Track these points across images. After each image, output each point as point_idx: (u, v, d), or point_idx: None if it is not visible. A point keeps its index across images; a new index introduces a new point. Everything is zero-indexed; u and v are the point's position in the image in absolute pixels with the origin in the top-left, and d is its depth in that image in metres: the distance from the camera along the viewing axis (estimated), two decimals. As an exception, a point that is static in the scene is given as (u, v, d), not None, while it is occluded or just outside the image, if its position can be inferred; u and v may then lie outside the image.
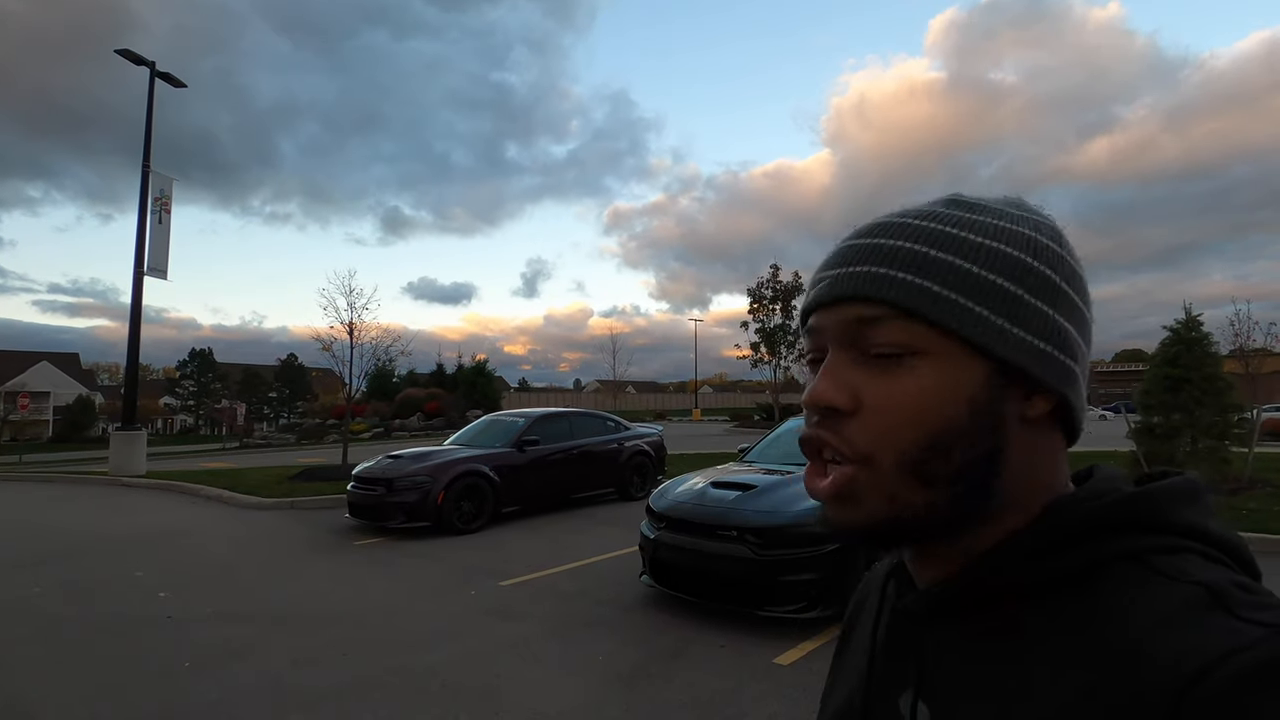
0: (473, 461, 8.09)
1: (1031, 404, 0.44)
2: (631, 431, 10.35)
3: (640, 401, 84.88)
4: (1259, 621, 0.33)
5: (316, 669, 3.90)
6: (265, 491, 10.41)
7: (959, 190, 0.49)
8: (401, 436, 27.07)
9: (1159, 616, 0.36)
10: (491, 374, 36.98)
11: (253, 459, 18.60)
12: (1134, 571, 0.39)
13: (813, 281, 0.49)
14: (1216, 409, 8.67)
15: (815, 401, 0.45)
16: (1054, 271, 0.45)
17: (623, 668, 3.85)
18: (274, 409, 52.46)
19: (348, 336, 12.62)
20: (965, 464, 0.42)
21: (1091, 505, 0.42)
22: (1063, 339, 0.44)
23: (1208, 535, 0.41)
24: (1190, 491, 0.43)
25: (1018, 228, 0.45)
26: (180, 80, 14.88)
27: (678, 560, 4.76)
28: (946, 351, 0.42)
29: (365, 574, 6.08)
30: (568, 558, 6.45)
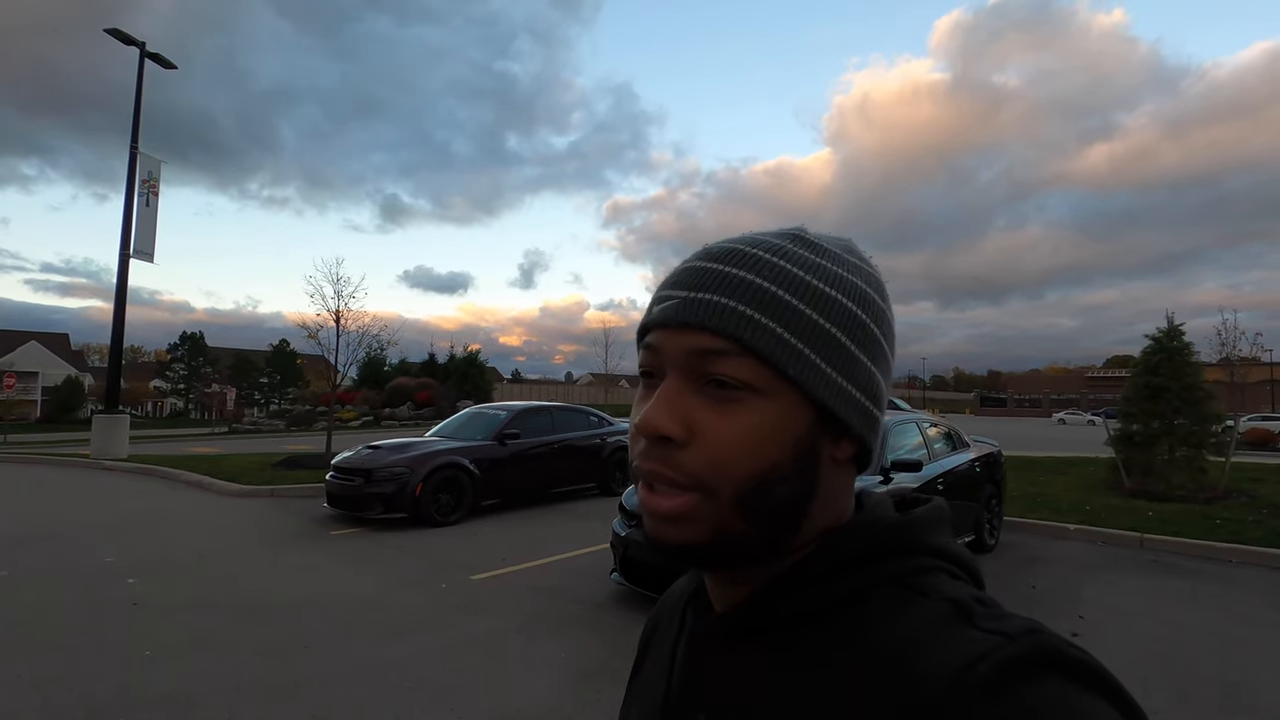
0: (452, 454, 8.07)
1: (839, 447, 0.47)
2: (614, 427, 10.34)
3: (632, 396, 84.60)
4: (995, 631, 0.38)
5: (278, 660, 3.89)
6: (246, 478, 10.37)
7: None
8: (391, 425, 27.00)
9: (914, 632, 0.40)
10: (484, 365, 36.90)
11: (239, 445, 18.54)
12: (895, 592, 0.43)
13: (657, 298, 0.49)
14: (1195, 418, 8.73)
15: (649, 429, 0.44)
16: (876, 326, 0.48)
17: (586, 665, 3.85)
18: (265, 395, 52.22)
19: (334, 324, 12.55)
20: (784, 501, 0.45)
21: (862, 535, 0.46)
22: (875, 391, 0.48)
23: (950, 555, 0.47)
24: (939, 517, 0.49)
25: (853, 278, 0.47)
26: (170, 62, 14.72)
27: (649, 558, 4.76)
28: (780, 393, 0.44)
29: (338, 565, 6.06)
30: (543, 553, 6.45)
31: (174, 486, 10.61)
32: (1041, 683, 0.35)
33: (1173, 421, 8.83)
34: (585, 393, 68.74)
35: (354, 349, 13.06)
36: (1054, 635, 0.37)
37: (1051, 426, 43.15)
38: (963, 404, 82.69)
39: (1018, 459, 13.84)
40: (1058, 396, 78.20)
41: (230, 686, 3.55)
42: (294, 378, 49.35)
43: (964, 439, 7.06)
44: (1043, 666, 0.35)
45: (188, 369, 53.03)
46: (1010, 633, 0.37)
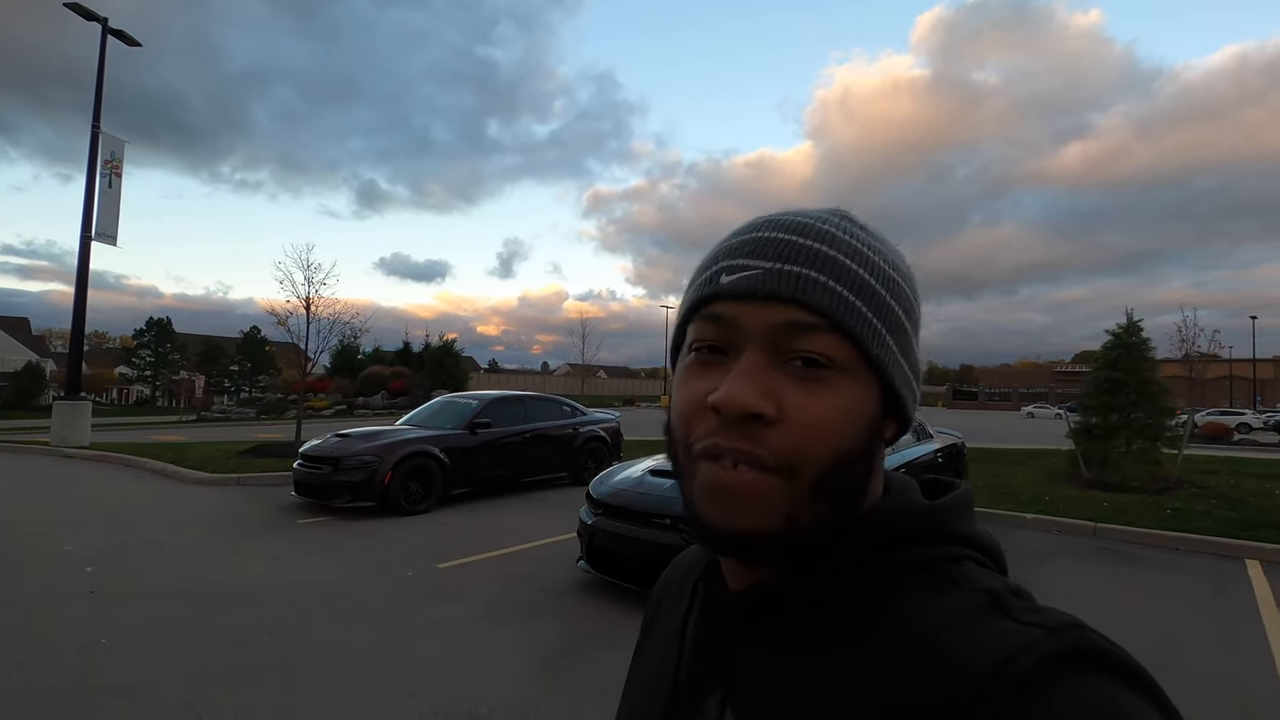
0: (422, 442, 8.04)
1: (888, 426, 0.47)
2: (587, 416, 10.37)
3: (610, 386, 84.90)
4: (1035, 624, 0.38)
5: (238, 648, 3.87)
6: (212, 467, 10.22)
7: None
8: (365, 414, 26.73)
9: (951, 621, 0.39)
10: (459, 354, 36.63)
11: (207, 433, 18.22)
12: (927, 580, 0.43)
13: (728, 268, 0.45)
14: (1151, 411, 8.99)
15: (737, 406, 0.42)
16: (919, 312, 0.49)
17: (547, 652, 3.89)
18: (235, 382, 51.30)
19: (304, 311, 12.37)
20: (855, 482, 0.44)
21: (893, 520, 0.45)
22: (919, 371, 0.49)
23: (978, 542, 0.46)
24: (967, 504, 0.49)
25: (903, 264, 0.48)
26: (134, 39, 14.29)
27: (613, 546, 4.81)
28: (860, 373, 0.44)
29: (304, 553, 6.02)
30: (511, 541, 6.47)
31: (137, 475, 10.41)
32: (1082, 678, 0.35)
33: (1130, 415, 9.09)
34: (562, 383, 68.55)
35: (325, 337, 12.91)
36: (1093, 631, 0.38)
37: (1020, 420, 44.04)
38: (935, 397, 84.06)
39: (984, 451, 14.15)
40: (1027, 390, 79.79)
41: (188, 674, 3.53)
42: (265, 365, 48.51)
43: (928, 430, 7.21)
44: (1084, 662, 0.35)
45: (155, 355, 51.83)
46: (1051, 626, 0.37)
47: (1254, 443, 21.64)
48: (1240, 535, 6.59)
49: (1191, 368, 23.48)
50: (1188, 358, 23.44)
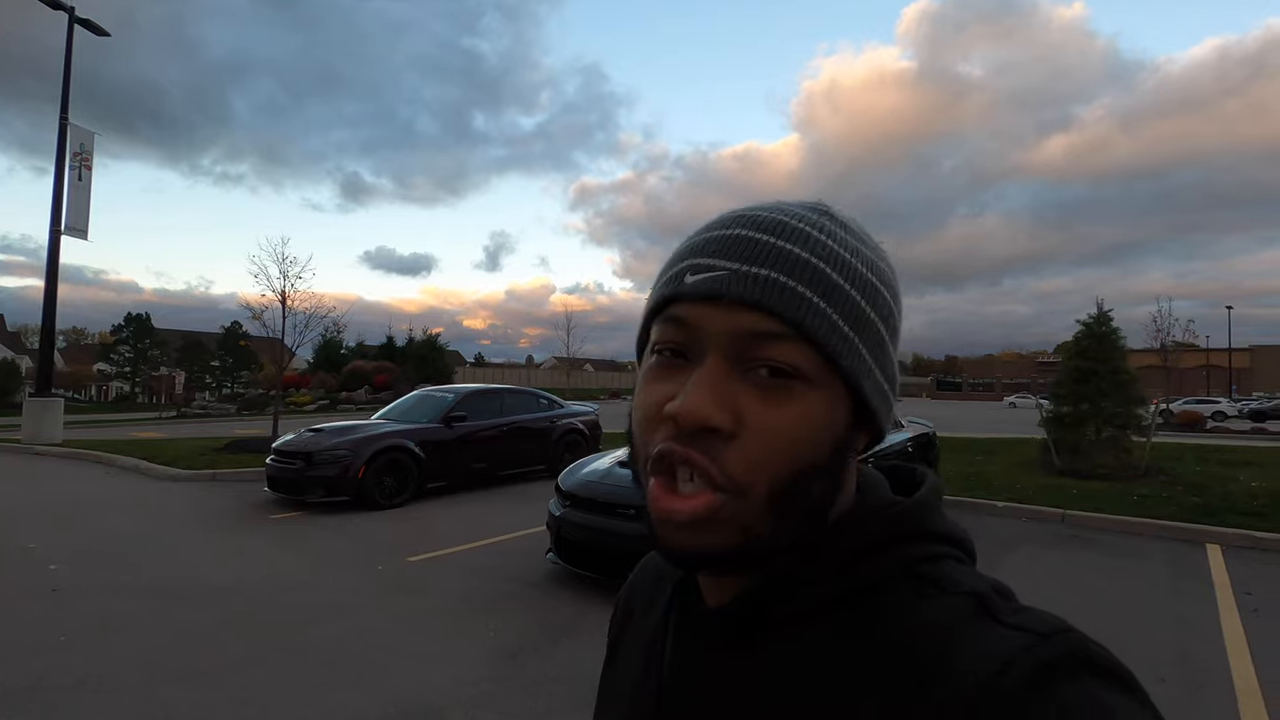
0: (397, 436, 8.00)
1: (858, 438, 0.45)
2: (565, 409, 10.37)
3: (597, 380, 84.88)
4: (1023, 628, 0.37)
5: (199, 643, 3.85)
6: (186, 463, 10.11)
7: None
8: (348, 409, 26.53)
9: (938, 628, 0.38)
10: (443, 348, 36.45)
11: (186, 429, 18.03)
12: (909, 584, 0.41)
13: (692, 266, 0.43)
14: (1120, 400, 9.13)
15: (694, 419, 0.39)
16: (898, 317, 0.46)
17: (511, 643, 3.90)
18: (216, 378, 50.78)
19: (280, 305, 12.25)
20: (819, 498, 0.42)
21: (871, 525, 0.44)
22: (895, 381, 0.46)
23: (953, 538, 0.45)
24: (936, 497, 0.47)
25: (883, 264, 0.45)
26: (102, 28, 14.01)
27: (581, 538, 4.82)
28: (829, 384, 0.41)
29: (274, 548, 5.98)
30: (484, 534, 6.46)
31: (108, 472, 10.29)
32: (1074, 683, 0.34)
33: (1100, 404, 9.22)
34: (548, 376, 68.45)
35: (302, 331, 12.79)
36: (1082, 635, 0.37)
37: (1002, 410, 44.56)
38: (920, 388, 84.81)
39: (962, 440, 14.30)
40: (1010, 381, 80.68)
41: (147, 669, 3.51)
42: (247, 361, 48.04)
43: (899, 420, 7.28)
44: (1075, 667, 0.35)
45: (134, 351, 51.16)
46: (1041, 631, 0.36)
47: (1226, 430, 22.01)
48: (1203, 521, 6.72)
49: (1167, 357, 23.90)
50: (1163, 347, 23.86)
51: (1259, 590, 4.93)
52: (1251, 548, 6.15)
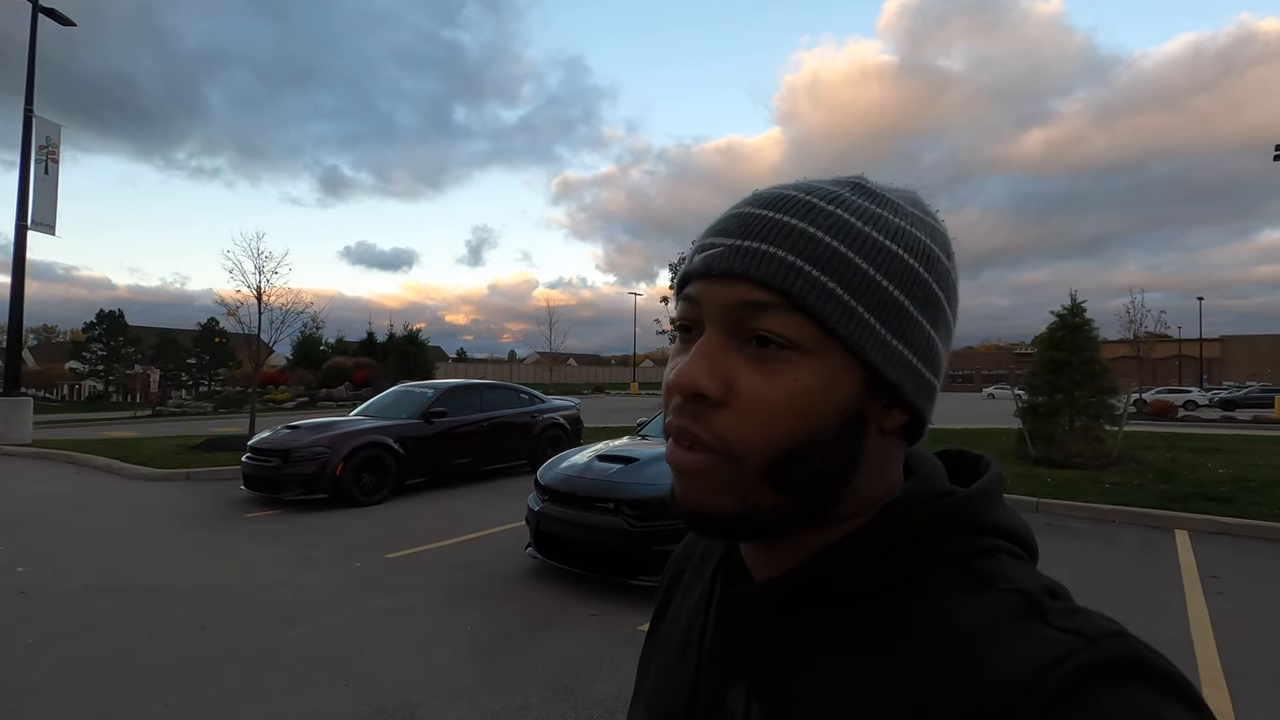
0: (375, 433, 7.93)
1: (889, 415, 0.43)
2: (546, 404, 10.34)
3: (580, 374, 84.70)
4: (1072, 630, 0.35)
5: (171, 644, 3.79)
6: (160, 462, 9.95)
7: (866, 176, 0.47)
8: (328, 406, 26.27)
9: (983, 626, 0.37)
10: (424, 343, 36.10)
11: (160, 428, 17.73)
12: (957, 577, 0.40)
13: (700, 245, 0.44)
14: (1093, 390, 9.28)
15: (684, 385, 0.41)
16: (939, 285, 0.43)
17: (488, 638, 3.89)
18: (193, 376, 49.98)
19: (255, 301, 12.07)
20: (823, 472, 0.42)
21: (919, 512, 0.43)
22: (933, 356, 0.44)
23: (1011, 532, 0.44)
24: (996, 488, 0.45)
25: (917, 232, 0.43)
26: (68, 18, 13.66)
27: (560, 532, 4.81)
28: (829, 354, 0.41)
29: (250, 547, 5.91)
30: (463, 530, 6.44)
31: (80, 472, 10.09)
32: (1122, 691, 0.33)
33: (1073, 394, 9.37)
34: (531, 371, 68.20)
35: (279, 327, 12.62)
36: (1135, 639, 0.35)
37: (981, 401, 45.16)
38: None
39: (942, 431, 14.46)
40: (989, 372, 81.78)
41: (117, 671, 3.45)
42: (224, 358, 47.32)
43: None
44: (1124, 673, 0.33)
45: (107, 349, 50.17)
46: (1089, 634, 0.35)
47: (1196, 419, 22.49)
48: (1171, 507, 6.86)
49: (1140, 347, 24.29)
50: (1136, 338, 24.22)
51: (1224, 574, 5.05)
52: (1218, 533, 6.30)
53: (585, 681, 3.34)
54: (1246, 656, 3.62)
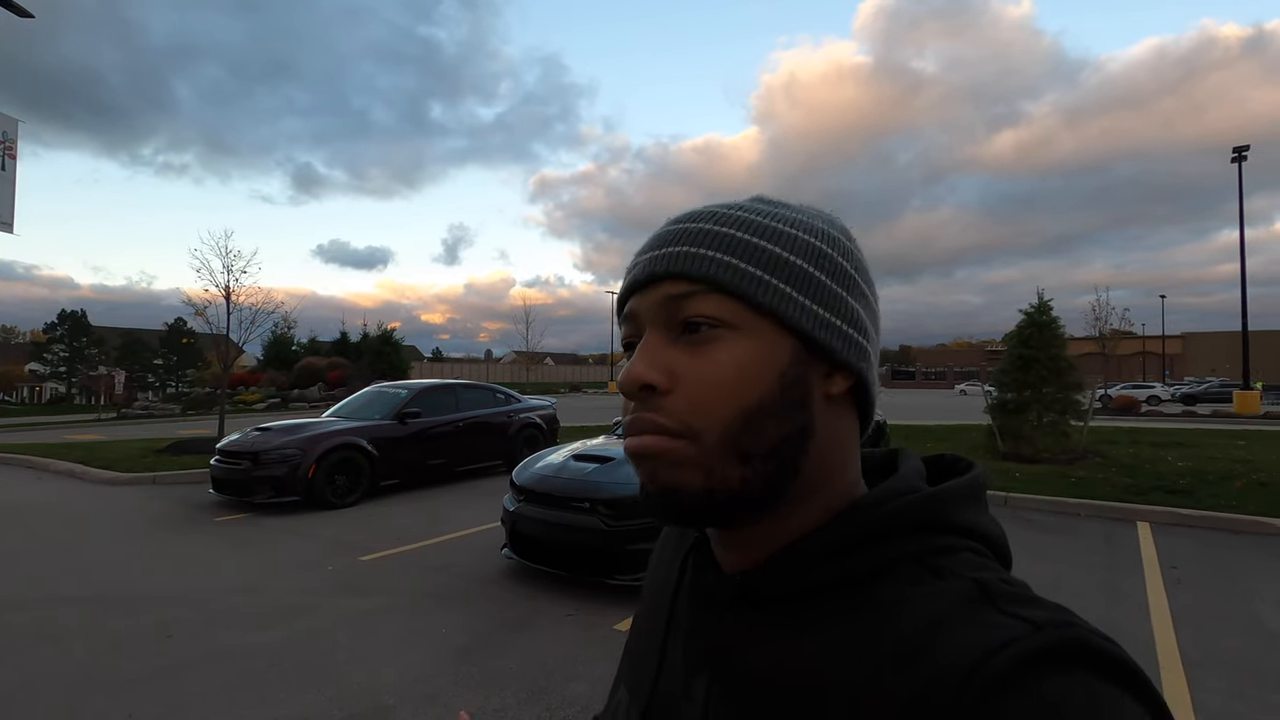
0: (348, 434, 7.83)
1: (833, 381, 0.45)
2: (523, 404, 10.29)
3: (557, 373, 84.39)
4: (1019, 616, 0.36)
5: (135, 652, 3.71)
6: (125, 466, 9.71)
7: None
8: (300, 407, 25.81)
9: (933, 615, 0.38)
10: (399, 343, 35.65)
11: (126, 431, 17.29)
12: (915, 570, 0.41)
13: (629, 268, 0.48)
14: (1060, 386, 9.50)
15: (631, 381, 0.44)
16: (845, 260, 0.47)
17: (464, 640, 3.87)
18: (160, 377, 48.80)
19: (224, 301, 11.83)
20: (779, 440, 0.43)
21: (885, 508, 0.44)
22: (856, 320, 0.46)
23: (979, 533, 0.45)
24: (973, 491, 0.46)
25: (813, 221, 0.47)
26: (25, 9, 13.23)
27: (535, 532, 4.80)
28: (755, 326, 0.43)
29: (219, 551, 5.80)
30: (439, 531, 6.38)
31: (40, 477, 9.81)
32: (1066, 677, 0.33)
33: (1041, 390, 9.58)
34: (508, 370, 67.77)
35: (248, 327, 12.38)
36: (1083, 625, 0.36)
37: (953, 397, 45.98)
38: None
39: (913, 428, 14.70)
40: (961, 369, 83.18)
41: (76, 681, 3.37)
42: (192, 359, 46.28)
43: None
44: (1068, 659, 0.34)
45: (69, 350, 48.78)
46: (1036, 620, 0.35)
47: (1160, 414, 23.11)
48: (1133, 500, 7.06)
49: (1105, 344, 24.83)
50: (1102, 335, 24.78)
51: (1183, 564, 5.20)
52: (1177, 524, 6.49)
53: (561, 681, 3.34)
54: (1203, 643, 3.74)
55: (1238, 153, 22.04)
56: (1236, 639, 3.80)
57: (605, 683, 3.32)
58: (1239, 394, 22.39)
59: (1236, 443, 12.01)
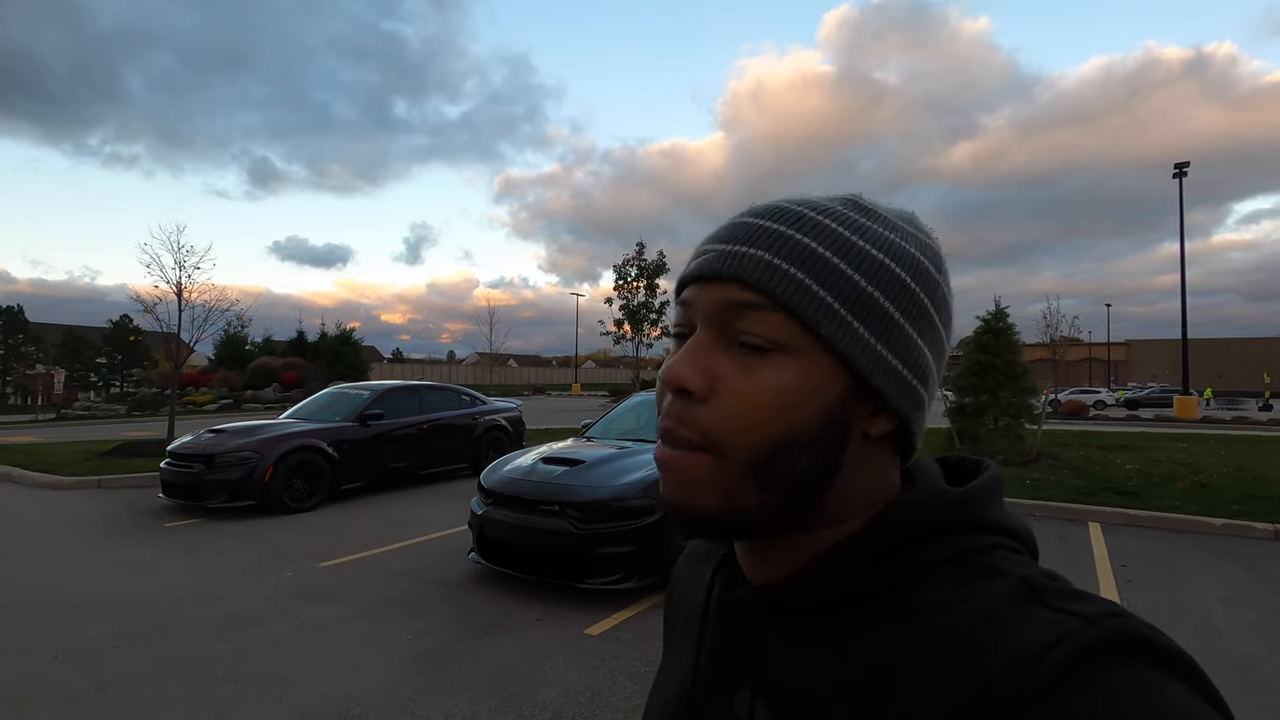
0: (308, 436, 7.62)
1: (875, 422, 0.44)
2: (488, 405, 10.17)
3: (521, 375, 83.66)
4: (1071, 611, 0.36)
5: (82, 664, 3.54)
6: (67, 469, 9.28)
7: (859, 190, 0.48)
8: (254, 408, 25.07)
9: (984, 613, 0.38)
10: (358, 343, 34.92)
11: (66, 432, 16.54)
12: (956, 572, 0.41)
13: (697, 252, 0.46)
14: (1015, 391, 9.79)
15: (671, 379, 0.43)
16: (929, 298, 0.44)
17: (430, 646, 3.78)
18: (103, 376, 46.80)
19: (175, 298, 11.40)
20: (805, 473, 0.42)
21: (917, 514, 0.43)
22: (921, 366, 0.44)
23: (1008, 529, 0.44)
24: (993, 489, 0.46)
25: (906, 245, 0.44)
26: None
27: (504, 536, 4.73)
28: (812, 356, 0.41)
29: (169, 558, 5.57)
30: (403, 536, 6.25)
31: (-26, 480, 9.30)
32: (1124, 669, 0.33)
33: (997, 394, 9.85)
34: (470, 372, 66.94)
35: (201, 325, 11.96)
36: (1136, 619, 0.36)
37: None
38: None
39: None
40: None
41: (19, 695, 3.19)
42: (138, 358, 44.49)
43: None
44: (1125, 652, 0.34)
45: (4, 348, 46.43)
46: (1089, 614, 0.35)
47: (1106, 417, 24.04)
48: (1085, 501, 7.31)
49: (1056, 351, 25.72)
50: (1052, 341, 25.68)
51: (1132, 562, 5.41)
52: (1127, 524, 6.74)
53: (531, 687, 3.29)
54: (1153, 639, 3.88)
55: (1179, 169, 23.06)
56: (1189, 635, 3.96)
57: (577, 688, 3.29)
58: (1179, 399, 23.43)
59: (1178, 445, 12.55)
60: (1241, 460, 10.26)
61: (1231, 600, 4.51)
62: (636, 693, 3.24)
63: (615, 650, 3.72)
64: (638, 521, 4.41)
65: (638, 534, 4.40)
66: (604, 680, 3.37)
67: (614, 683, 3.34)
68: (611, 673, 3.45)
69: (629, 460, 4.94)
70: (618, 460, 4.95)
